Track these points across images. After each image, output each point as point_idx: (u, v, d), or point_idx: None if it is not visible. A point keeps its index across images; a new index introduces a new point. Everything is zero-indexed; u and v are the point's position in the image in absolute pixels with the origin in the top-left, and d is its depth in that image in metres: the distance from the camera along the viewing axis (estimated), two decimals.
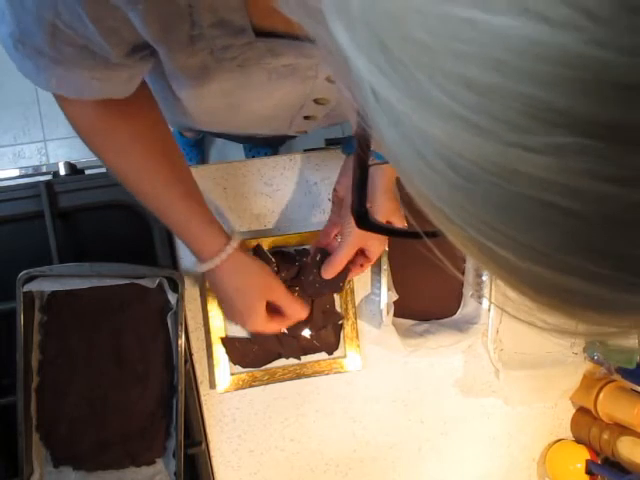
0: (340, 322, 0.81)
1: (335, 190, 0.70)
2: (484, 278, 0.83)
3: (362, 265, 0.72)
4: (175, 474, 0.73)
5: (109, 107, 0.52)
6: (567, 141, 0.15)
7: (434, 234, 0.22)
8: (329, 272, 0.70)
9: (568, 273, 0.18)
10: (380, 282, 0.80)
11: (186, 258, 0.79)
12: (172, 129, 0.74)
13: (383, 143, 0.20)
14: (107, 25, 0.39)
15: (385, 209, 0.64)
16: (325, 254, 0.71)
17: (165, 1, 0.37)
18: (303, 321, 0.79)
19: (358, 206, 0.34)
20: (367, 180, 0.33)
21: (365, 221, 0.35)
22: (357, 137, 0.29)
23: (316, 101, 0.61)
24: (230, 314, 0.69)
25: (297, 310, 0.69)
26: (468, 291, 0.86)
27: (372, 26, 0.17)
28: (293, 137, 0.87)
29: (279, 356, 0.80)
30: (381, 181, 0.63)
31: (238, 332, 0.80)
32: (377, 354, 0.84)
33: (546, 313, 0.21)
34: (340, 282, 0.72)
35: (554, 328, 0.22)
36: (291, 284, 0.76)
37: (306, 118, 0.68)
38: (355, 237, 0.67)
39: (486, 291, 0.82)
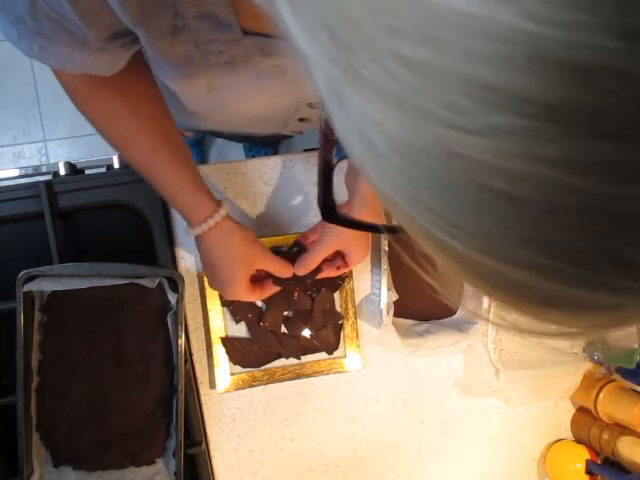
0: (340, 322, 0.81)
1: None
2: None
3: (338, 268, 0.72)
4: (175, 474, 0.73)
5: (98, 78, 0.51)
6: (502, 121, 0.14)
7: (394, 229, 0.22)
8: (301, 269, 0.69)
9: (520, 266, 0.17)
10: (380, 282, 0.80)
11: (186, 258, 0.79)
12: None
13: (336, 129, 0.19)
14: (83, 5, 0.39)
15: (363, 216, 0.62)
16: (302, 249, 0.71)
17: None
18: (303, 321, 0.80)
19: (323, 199, 0.34)
20: (332, 173, 0.33)
21: (330, 214, 0.35)
22: (321, 128, 0.29)
23: (310, 105, 0.61)
24: (213, 281, 0.69)
25: (282, 270, 0.69)
26: (468, 291, 0.86)
27: (315, 5, 0.17)
28: (290, 136, 0.87)
29: (279, 356, 0.80)
30: (367, 195, 0.62)
31: (238, 332, 0.80)
32: (377, 354, 0.84)
33: (504, 310, 0.20)
34: (308, 279, 0.72)
35: (512, 326, 0.22)
36: (288, 281, 0.77)
37: (301, 120, 0.68)
38: (333, 238, 0.66)
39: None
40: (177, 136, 0.61)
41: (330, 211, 0.35)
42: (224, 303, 0.78)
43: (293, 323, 0.80)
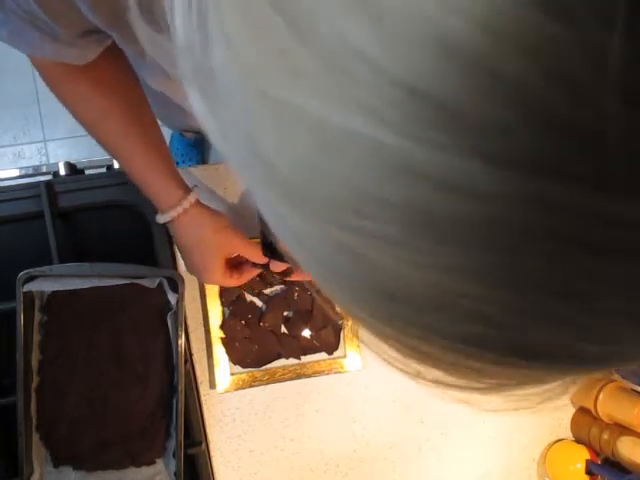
0: (340, 322, 0.81)
1: None
2: None
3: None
4: (175, 474, 0.73)
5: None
6: (387, 230, 0.15)
7: None
8: (277, 265, 0.70)
9: (436, 345, 0.18)
10: None
11: None
12: (171, 130, 0.71)
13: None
14: (54, 9, 0.39)
15: None
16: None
17: None
18: (303, 321, 0.80)
19: (265, 238, 0.36)
20: None
21: (271, 251, 0.38)
22: None
23: None
24: (189, 267, 0.70)
25: (257, 255, 0.67)
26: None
27: (240, 141, 0.18)
28: None
29: (279, 356, 0.80)
30: None
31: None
32: None
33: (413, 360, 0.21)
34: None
35: (417, 374, 0.22)
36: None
37: None
38: None
39: None
40: (150, 122, 0.61)
41: (270, 248, 0.38)
42: (224, 303, 0.79)
43: (293, 323, 0.80)
